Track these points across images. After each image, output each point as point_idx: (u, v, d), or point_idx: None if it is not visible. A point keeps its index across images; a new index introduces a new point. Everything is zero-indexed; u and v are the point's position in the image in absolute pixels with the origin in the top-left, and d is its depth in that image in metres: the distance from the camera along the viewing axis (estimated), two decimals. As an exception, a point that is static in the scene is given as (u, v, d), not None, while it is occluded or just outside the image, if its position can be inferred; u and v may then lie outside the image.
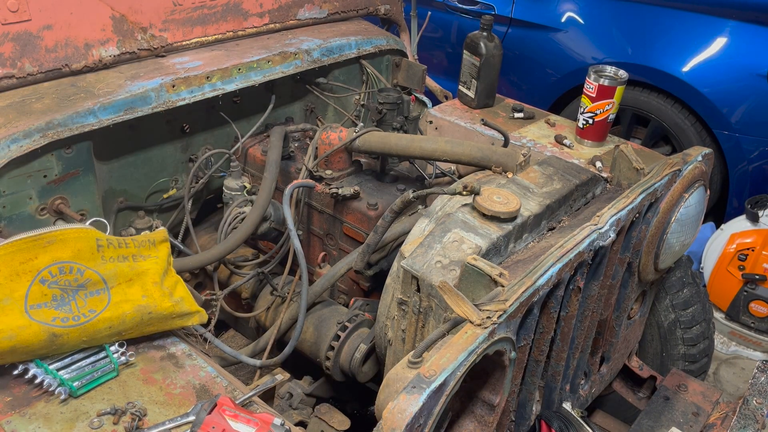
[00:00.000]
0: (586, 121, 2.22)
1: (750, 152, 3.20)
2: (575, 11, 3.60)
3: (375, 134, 1.95)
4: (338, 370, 1.82)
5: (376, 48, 2.46)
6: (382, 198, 1.95)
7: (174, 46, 2.00)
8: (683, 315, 2.19)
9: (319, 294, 1.85)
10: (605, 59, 3.43)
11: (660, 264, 1.87)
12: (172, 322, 1.40)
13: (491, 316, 1.20)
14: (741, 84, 3.13)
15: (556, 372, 1.74)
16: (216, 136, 2.21)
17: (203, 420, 1.16)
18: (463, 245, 1.47)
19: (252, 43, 2.17)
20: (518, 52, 3.79)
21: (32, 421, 1.21)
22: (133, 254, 1.37)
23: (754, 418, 1.78)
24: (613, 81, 2.15)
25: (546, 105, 3.71)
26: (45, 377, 1.27)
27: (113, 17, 1.85)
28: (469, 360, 1.15)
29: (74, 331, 1.27)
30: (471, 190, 1.55)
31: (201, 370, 1.36)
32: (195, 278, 2.10)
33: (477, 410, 1.36)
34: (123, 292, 1.33)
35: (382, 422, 1.05)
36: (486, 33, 2.36)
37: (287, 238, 1.93)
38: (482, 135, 2.29)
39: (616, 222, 1.58)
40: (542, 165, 1.79)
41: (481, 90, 2.42)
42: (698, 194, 1.87)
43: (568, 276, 1.47)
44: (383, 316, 1.62)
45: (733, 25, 3.18)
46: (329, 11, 2.45)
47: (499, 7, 3.82)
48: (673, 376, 2.16)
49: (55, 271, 1.27)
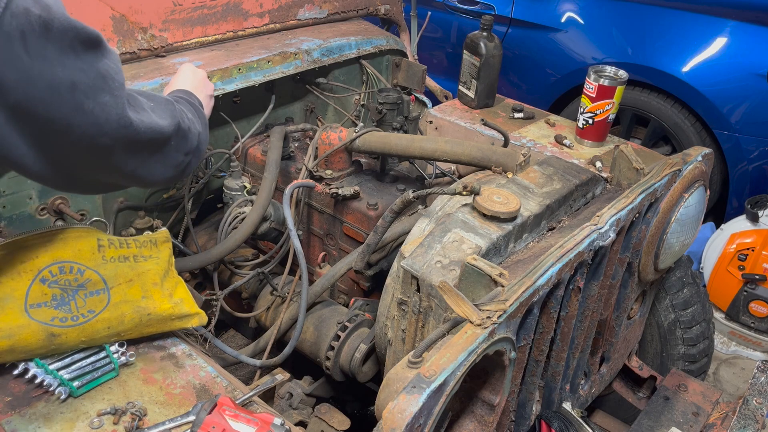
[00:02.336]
0: (586, 121, 2.22)
1: (750, 152, 3.20)
2: (575, 11, 3.60)
3: (375, 134, 1.95)
4: (338, 370, 1.82)
5: (376, 48, 2.46)
6: (382, 198, 1.95)
7: (174, 46, 2.00)
8: (683, 315, 2.19)
9: (319, 294, 1.85)
10: (605, 59, 3.43)
11: (660, 264, 1.87)
12: (171, 323, 1.40)
13: (491, 316, 1.20)
14: (741, 84, 3.13)
15: (556, 372, 1.74)
16: (216, 136, 2.21)
17: (203, 420, 1.16)
18: (463, 245, 1.47)
19: (252, 43, 2.17)
20: (518, 52, 3.79)
21: (32, 421, 1.21)
22: (134, 254, 1.37)
23: (754, 418, 1.78)
24: (613, 81, 2.15)
25: (546, 105, 3.71)
26: (45, 377, 1.27)
27: (113, 17, 1.85)
28: (469, 360, 1.15)
29: (73, 331, 1.27)
30: (471, 190, 1.55)
31: (201, 370, 1.36)
32: (195, 278, 2.10)
33: (477, 410, 1.36)
34: (123, 292, 1.33)
35: (382, 422, 1.05)
36: (486, 33, 2.36)
37: (287, 238, 1.93)
38: (482, 135, 2.29)
39: (616, 222, 1.58)
40: (542, 165, 1.79)
41: (481, 90, 2.42)
42: (698, 194, 1.87)
43: (568, 276, 1.47)
44: (383, 316, 1.62)
45: (733, 25, 3.18)
46: (329, 11, 2.45)
47: (499, 7, 3.82)
48: (673, 376, 2.16)
49: (55, 270, 1.27)
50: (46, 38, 0.92)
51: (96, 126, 1.01)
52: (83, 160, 1.06)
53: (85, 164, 1.08)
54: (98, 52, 1.02)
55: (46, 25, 0.91)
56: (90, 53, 1.00)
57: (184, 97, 1.41)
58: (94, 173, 1.12)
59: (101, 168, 1.11)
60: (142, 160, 1.15)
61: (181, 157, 1.25)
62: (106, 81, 1.02)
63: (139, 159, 1.14)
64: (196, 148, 1.31)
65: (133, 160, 1.13)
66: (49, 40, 0.92)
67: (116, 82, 1.04)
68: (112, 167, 1.11)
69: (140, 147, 1.12)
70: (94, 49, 1.01)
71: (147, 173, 1.18)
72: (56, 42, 0.93)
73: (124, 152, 1.10)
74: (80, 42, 0.97)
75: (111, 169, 1.12)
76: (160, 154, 1.19)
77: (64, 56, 0.95)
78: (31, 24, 0.89)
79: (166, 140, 1.18)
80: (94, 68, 1.00)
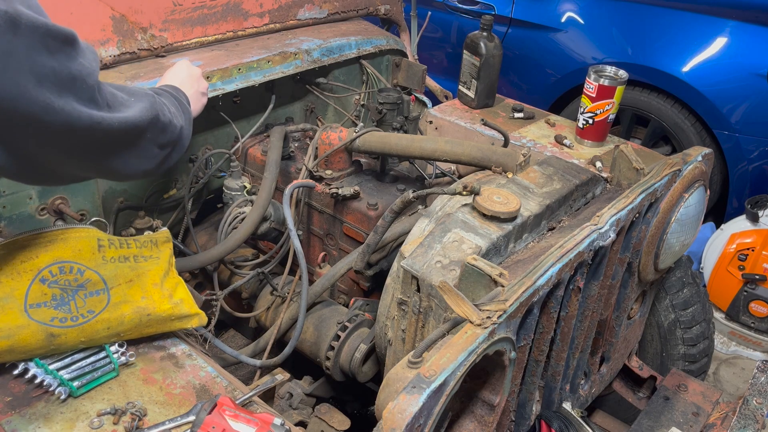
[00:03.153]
0: (586, 121, 2.22)
1: (750, 152, 3.20)
2: (575, 11, 3.60)
3: (375, 134, 1.95)
4: (338, 370, 1.82)
5: (376, 48, 2.46)
6: (382, 198, 1.95)
7: (174, 46, 2.00)
8: (683, 315, 2.19)
9: (319, 294, 1.85)
10: (605, 59, 3.43)
11: (660, 264, 1.87)
12: (171, 324, 1.40)
13: (491, 316, 1.20)
14: (741, 84, 3.13)
15: (556, 372, 1.74)
16: (216, 136, 2.21)
17: (203, 420, 1.16)
18: (463, 245, 1.47)
19: (252, 43, 2.17)
20: (518, 52, 3.79)
21: (32, 421, 1.21)
22: (135, 255, 1.37)
23: (754, 418, 1.78)
24: (613, 81, 2.15)
25: (546, 105, 3.71)
26: (45, 377, 1.27)
27: (113, 17, 1.85)
28: (469, 360, 1.15)
29: (72, 331, 1.27)
30: (471, 190, 1.55)
31: (201, 370, 1.36)
32: (195, 278, 2.10)
33: (477, 410, 1.36)
34: (123, 293, 1.33)
35: (382, 422, 1.05)
36: (486, 33, 2.36)
37: (287, 238, 1.93)
38: (482, 135, 2.29)
39: (616, 222, 1.58)
40: (542, 165, 1.79)
41: (481, 90, 2.42)
42: (698, 194, 1.87)
43: (568, 276, 1.47)
44: (383, 316, 1.62)
45: (733, 25, 3.18)
46: (329, 11, 2.45)
47: (499, 7, 3.82)
48: (673, 376, 2.16)
49: (55, 270, 1.27)
50: (13, 33, 0.91)
51: (66, 124, 1.00)
52: (55, 156, 1.06)
53: (57, 160, 1.07)
54: (72, 51, 1.01)
55: (13, 21, 0.90)
56: (63, 52, 0.99)
57: (169, 91, 1.41)
58: (67, 168, 1.12)
59: (74, 163, 1.11)
60: (116, 153, 1.15)
61: (157, 150, 1.25)
62: (76, 82, 1.01)
63: (113, 153, 1.14)
64: (177, 141, 1.30)
65: (107, 155, 1.13)
66: (16, 35, 0.91)
67: (87, 84, 1.03)
68: (85, 162, 1.11)
69: (114, 141, 1.12)
70: (67, 48, 1.00)
71: (122, 166, 1.18)
72: (25, 38, 0.92)
73: (97, 148, 1.10)
74: (52, 39, 0.96)
75: (85, 163, 1.12)
76: (135, 147, 1.18)
77: (34, 53, 0.94)
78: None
79: (141, 133, 1.18)
80: (65, 67, 0.99)
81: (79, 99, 1.02)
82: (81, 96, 1.02)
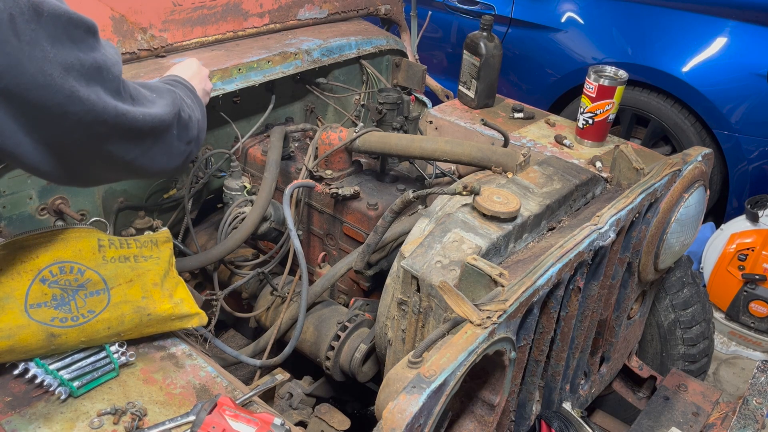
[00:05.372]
0: (586, 121, 2.22)
1: (750, 152, 3.20)
2: (575, 11, 3.60)
3: (375, 134, 1.95)
4: (338, 370, 1.82)
5: (376, 48, 2.46)
6: (382, 198, 1.95)
7: (174, 47, 2.00)
8: (683, 315, 2.19)
9: (319, 294, 1.85)
10: (605, 59, 3.43)
11: (660, 264, 1.87)
12: (171, 323, 1.40)
13: (491, 316, 1.20)
14: (741, 84, 3.13)
15: (556, 372, 1.74)
16: (216, 136, 2.21)
17: (203, 420, 1.16)
18: (463, 245, 1.47)
19: (252, 43, 2.17)
20: (518, 52, 3.79)
21: (32, 421, 1.21)
22: (135, 255, 1.37)
23: (754, 418, 1.78)
24: (613, 81, 2.16)
25: (546, 105, 3.71)
26: (45, 377, 1.27)
27: (113, 17, 1.85)
28: (469, 360, 1.15)
29: (72, 331, 1.27)
30: (471, 190, 1.55)
31: (201, 370, 1.36)
32: (195, 278, 2.10)
33: (477, 410, 1.36)
34: (123, 293, 1.33)
35: (382, 422, 1.05)
36: (486, 33, 2.36)
37: (287, 238, 1.93)
38: (482, 135, 2.29)
39: (616, 222, 1.58)
40: (542, 165, 1.79)
41: (481, 90, 2.43)
42: (698, 194, 1.87)
43: (568, 276, 1.47)
44: (383, 316, 1.62)
45: (733, 25, 3.18)
46: (329, 11, 2.45)
47: (499, 7, 3.82)
48: (673, 376, 2.16)
49: (55, 270, 1.27)
50: (36, 22, 0.90)
51: (92, 114, 0.99)
52: (82, 150, 1.04)
53: (84, 155, 1.06)
54: (94, 42, 1.00)
55: (35, 9, 0.90)
56: (85, 42, 0.98)
57: (182, 83, 1.39)
58: (94, 164, 1.10)
59: (101, 158, 1.09)
60: (143, 149, 1.13)
61: (183, 146, 1.24)
62: (101, 72, 1.00)
63: (140, 149, 1.12)
64: (197, 137, 1.30)
65: (133, 150, 1.11)
66: (39, 23, 0.91)
67: (112, 74, 1.02)
68: (112, 157, 1.09)
69: (140, 136, 1.11)
70: (90, 38, 0.99)
71: (149, 163, 1.17)
72: (48, 26, 0.92)
73: (123, 141, 1.08)
74: (75, 28, 0.96)
75: (111, 159, 1.10)
76: (163, 143, 1.17)
77: (57, 41, 0.93)
78: (19, 7, 0.88)
79: (167, 128, 1.17)
80: (89, 57, 0.98)
81: (106, 90, 1.01)
82: (107, 87, 1.01)
